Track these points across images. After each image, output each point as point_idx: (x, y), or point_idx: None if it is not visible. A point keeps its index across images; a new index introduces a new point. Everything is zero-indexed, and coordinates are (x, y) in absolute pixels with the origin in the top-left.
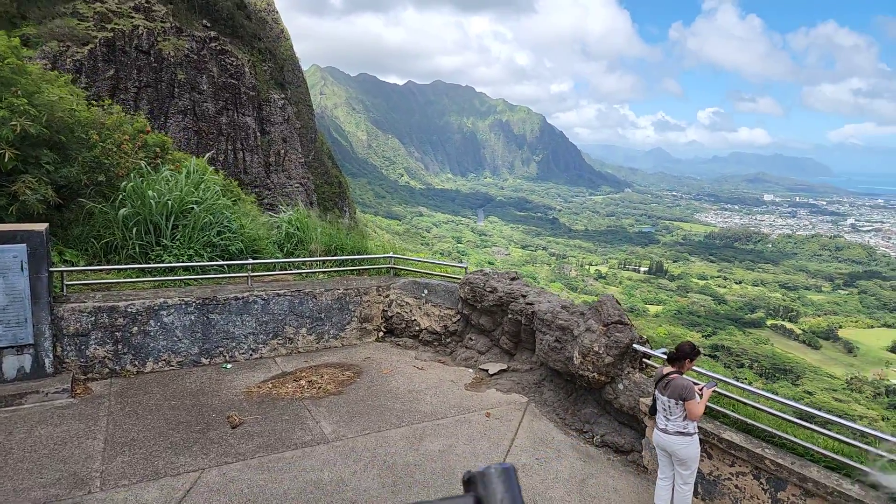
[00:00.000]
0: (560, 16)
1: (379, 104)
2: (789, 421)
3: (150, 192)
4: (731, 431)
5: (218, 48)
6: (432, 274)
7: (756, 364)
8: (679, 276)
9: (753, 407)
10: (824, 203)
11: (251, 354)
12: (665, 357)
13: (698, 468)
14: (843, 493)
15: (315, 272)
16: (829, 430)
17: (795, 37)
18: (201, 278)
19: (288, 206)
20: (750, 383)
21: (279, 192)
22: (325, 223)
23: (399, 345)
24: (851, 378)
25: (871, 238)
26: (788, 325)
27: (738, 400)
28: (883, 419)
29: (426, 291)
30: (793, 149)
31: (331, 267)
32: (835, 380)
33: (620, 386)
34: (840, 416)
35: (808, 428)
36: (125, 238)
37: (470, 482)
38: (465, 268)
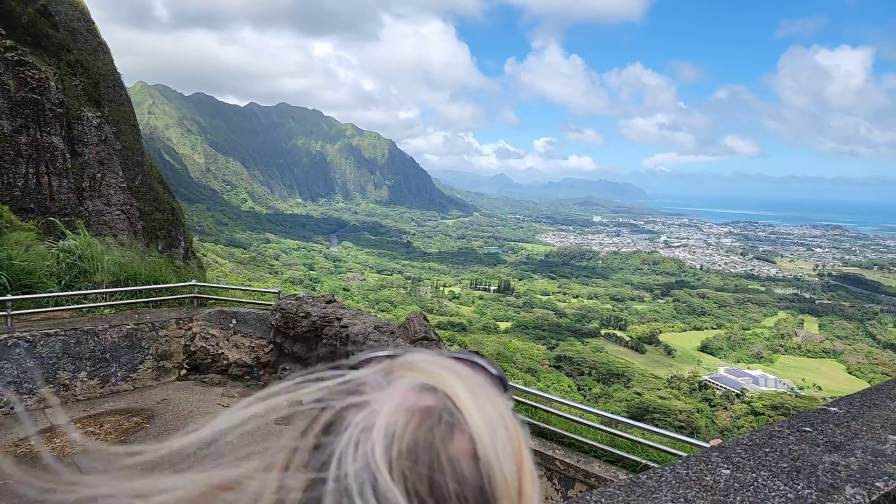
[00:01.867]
0: (403, 45)
1: (217, 125)
2: (576, 422)
3: None
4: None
5: (16, 59)
6: (243, 302)
7: (594, 371)
8: (524, 293)
9: (545, 411)
10: (642, 223)
11: (11, 409)
12: None
13: None
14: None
15: (100, 306)
16: (615, 428)
17: (610, 76)
18: None
19: (108, 235)
20: (590, 389)
21: (95, 221)
22: (116, 250)
23: (204, 382)
24: (672, 377)
25: (680, 252)
26: (619, 334)
27: (535, 406)
28: (698, 411)
29: (234, 321)
30: (615, 174)
31: (121, 299)
32: (659, 380)
33: None
34: (616, 414)
35: (593, 427)
36: None
37: None
38: (278, 293)
